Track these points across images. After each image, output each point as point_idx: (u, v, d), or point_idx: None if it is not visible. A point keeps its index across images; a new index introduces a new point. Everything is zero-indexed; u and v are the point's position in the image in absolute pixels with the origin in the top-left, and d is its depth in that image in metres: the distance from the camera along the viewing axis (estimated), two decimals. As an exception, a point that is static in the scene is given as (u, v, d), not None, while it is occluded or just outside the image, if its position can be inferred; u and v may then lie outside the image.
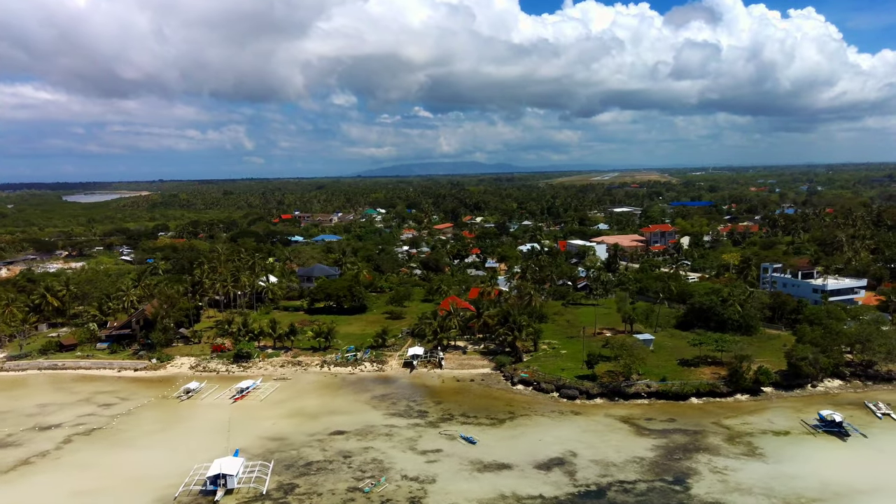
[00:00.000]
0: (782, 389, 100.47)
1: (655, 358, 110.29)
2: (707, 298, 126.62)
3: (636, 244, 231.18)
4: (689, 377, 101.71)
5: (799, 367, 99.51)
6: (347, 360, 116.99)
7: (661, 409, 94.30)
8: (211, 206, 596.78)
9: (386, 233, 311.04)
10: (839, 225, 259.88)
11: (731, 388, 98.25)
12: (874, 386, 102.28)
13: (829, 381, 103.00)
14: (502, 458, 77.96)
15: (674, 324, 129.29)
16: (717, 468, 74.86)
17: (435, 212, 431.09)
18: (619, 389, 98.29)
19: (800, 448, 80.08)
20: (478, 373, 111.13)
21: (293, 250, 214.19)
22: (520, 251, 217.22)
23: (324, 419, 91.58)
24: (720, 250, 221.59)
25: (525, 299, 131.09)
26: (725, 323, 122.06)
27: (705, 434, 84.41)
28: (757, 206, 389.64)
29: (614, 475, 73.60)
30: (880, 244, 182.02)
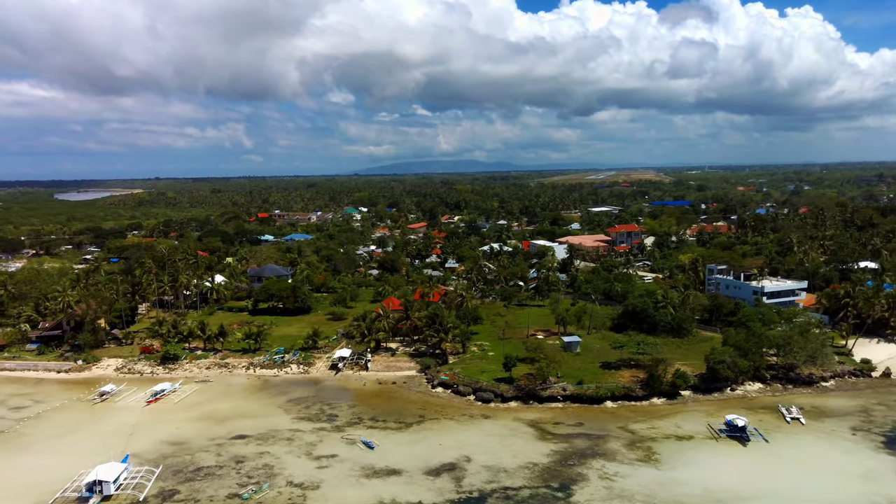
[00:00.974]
0: (700, 393, 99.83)
1: (579, 360, 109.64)
2: (640, 300, 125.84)
3: (599, 244, 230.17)
4: (609, 380, 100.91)
5: (716, 371, 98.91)
6: (274, 363, 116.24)
7: (573, 412, 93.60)
8: (196, 204, 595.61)
9: (358, 232, 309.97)
10: (811, 225, 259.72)
11: (646, 392, 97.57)
12: (794, 389, 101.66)
13: (749, 385, 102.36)
14: (395, 464, 77.23)
15: (609, 325, 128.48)
16: (606, 474, 74.18)
17: (415, 211, 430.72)
18: (534, 392, 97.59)
19: (697, 453, 79.41)
20: (402, 375, 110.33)
21: (250, 250, 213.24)
22: (482, 251, 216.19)
23: (230, 423, 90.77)
24: (684, 250, 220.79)
25: (457, 300, 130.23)
26: (657, 325, 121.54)
27: (608, 439, 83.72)
28: (735, 206, 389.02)
29: (501, 481, 72.87)
30: (834, 245, 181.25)
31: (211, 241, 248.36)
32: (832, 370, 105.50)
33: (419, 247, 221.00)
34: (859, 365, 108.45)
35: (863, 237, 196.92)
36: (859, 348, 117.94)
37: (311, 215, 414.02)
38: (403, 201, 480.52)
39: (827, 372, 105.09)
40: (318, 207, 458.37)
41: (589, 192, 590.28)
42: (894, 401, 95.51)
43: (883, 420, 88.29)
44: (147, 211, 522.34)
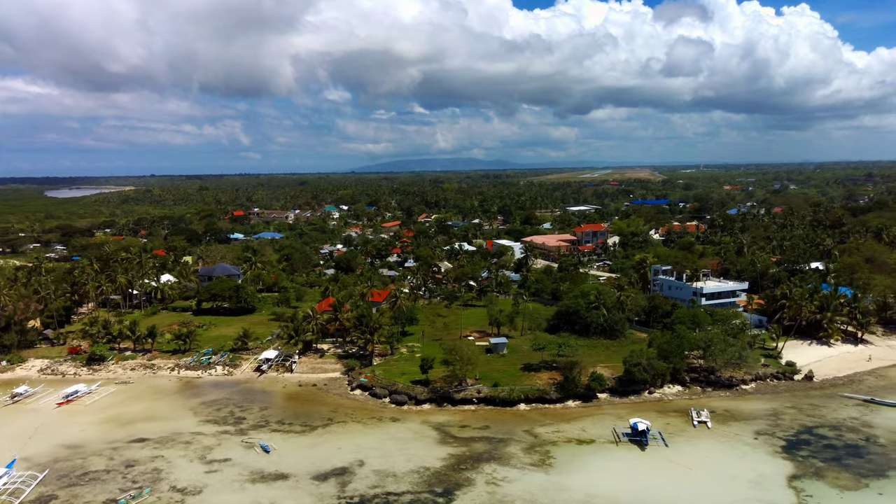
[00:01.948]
0: (617, 396, 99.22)
1: (503, 362, 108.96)
2: (573, 301, 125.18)
3: (562, 244, 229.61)
4: (528, 382, 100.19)
5: (633, 373, 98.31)
6: (200, 364, 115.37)
7: (484, 415, 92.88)
8: (180, 202, 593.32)
9: (329, 231, 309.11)
10: (780, 225, 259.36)
11: (561, 395, 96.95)
12: (712, 392, 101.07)
13: (668, 388, 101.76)
14: (286, 468, 76.47)
15: (545, 326, 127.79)
16: (494, 479, 73.47)
17: (395, 209, 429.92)
18: (448, 395, 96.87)
19: (593, 458, 78.73)
20: (325, 377, 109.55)
21: (208, 249, 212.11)
22: (445, 251, 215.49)
23: (134, 426, 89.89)
24: (648, 250, 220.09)
25: (390, 301, 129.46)
26: (589, 326, 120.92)
27: (509, 443, 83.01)
28: (713, 206, 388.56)
29: (386, 487, 72.13)
30: (785, 246, 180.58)
31: (174, 240, 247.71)
32: (754, 373, 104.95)
33: (379, 246, 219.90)
34: (783, 367, 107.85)
35: (818, 237, 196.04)
36: (791, 350, 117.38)
37: (289, 213, 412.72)
38: (384, 200, 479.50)
39: (748, 375, 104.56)
40: (297, 206, 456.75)
41: (573, 191, 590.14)
42: (808, 404, 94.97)
43: (790, 424, 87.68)
44: (129, 208, 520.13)
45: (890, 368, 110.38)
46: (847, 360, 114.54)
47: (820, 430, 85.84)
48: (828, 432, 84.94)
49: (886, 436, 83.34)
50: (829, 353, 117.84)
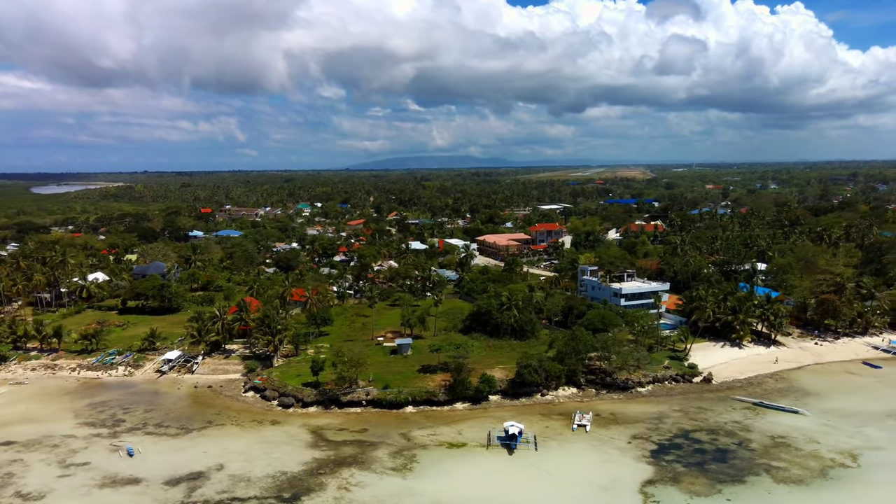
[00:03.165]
0: (508, 398, 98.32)
1: (404, 363, 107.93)
2: (486, 302, 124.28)
3: (512, 243, 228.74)
4: (421, 384, 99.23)
5: (522, 375, 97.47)
6: (104, 364, 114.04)
7: (367, 418, 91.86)
8: (159, 198, 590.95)
9: (292, 228, 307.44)
10: (740, 225, 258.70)
11: (449, 397, 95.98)
12: (606, 395, 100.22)
13: (563, 390, 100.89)
14: (142, 473, 75.32)
15: (461, 327, 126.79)
16: (349, 484, 72.49)
17: (367, 207, 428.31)
18: (335, 397, 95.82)
19: (457, 462, 77.80)
20: (224, 378, 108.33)
21: (152, 247, 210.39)
22: (390, 249, 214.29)
23: (7, 429, 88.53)
24: (599, 250, 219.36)
25: (305, 301, 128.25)
26: (500, 327, 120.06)
27: (379, 446, 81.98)
28: (683, 206, 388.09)
29: (235, 492, 71.06)
30: (722, 247, 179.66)
31: (128, 237, 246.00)
32: (652, 375, 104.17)
33: (325, 244, 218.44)
34: (684, 370, 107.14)
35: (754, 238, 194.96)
36: (701, 352, 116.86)
37: (259, 211, 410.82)
38: (359, 198, 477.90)
39: (646, 377, 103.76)
40: (270, 203, 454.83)
41: (553, 190, 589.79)
42: (696, 408, 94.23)
43: (669, 428, 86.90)
44: (106, 205, 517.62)
45: (793, 371, 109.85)
46: (755, 361, 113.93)
47: (697, 433, 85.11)
48: (704, 436, 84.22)
49: (760, 440, 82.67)
50: (739, 354, 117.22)
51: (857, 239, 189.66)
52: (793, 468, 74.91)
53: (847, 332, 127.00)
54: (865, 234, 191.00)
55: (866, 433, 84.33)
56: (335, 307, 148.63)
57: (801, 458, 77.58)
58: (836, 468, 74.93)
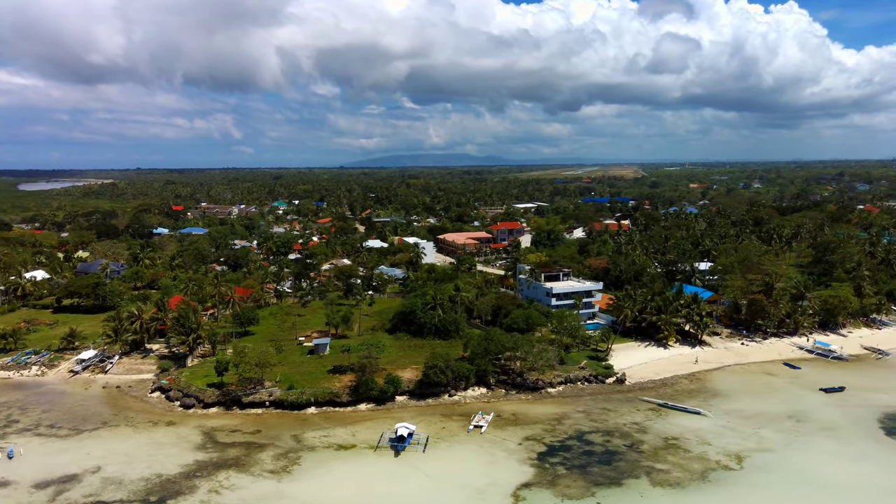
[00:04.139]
0: (416, 398, 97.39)
1: (317, 363, 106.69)
2: (411, 301, 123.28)
3: (470, 242, 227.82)
4: (330, 384, 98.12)
5: (428, 375, 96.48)
6: (18, 364, 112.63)
7: (265, 419, 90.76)
8: (140, 195, 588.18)
9: (259, 227, 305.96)
10: (708, 223, 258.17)
11: (354, 398, 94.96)
12: (515, 395, 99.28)
13: (472, 390, 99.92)
14: (15, 475, 74.07)
15: (388, 327, 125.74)
16: (221, 487, 71.42)
17: (343, 205, 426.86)
18: (237, 398, 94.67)
19: (340, 464, 76.79)
20: (137, 378, 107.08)
21: (102, 245, 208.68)
22: (344, 247, 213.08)
23: None
24: (559, 249, 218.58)
25: (216, 300, 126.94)
26: (423, 327, 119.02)
27: (266, 448, 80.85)
28: (658, 204, 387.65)
29: (102, 495, 69.91)
30: (671, 246, 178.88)
31: (84, 235, 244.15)
32: (565, 376, 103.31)
33: (279, 242, 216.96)
34: (600, 370, 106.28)
35: (700, 237, 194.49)
36: (625, 352, 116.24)
37: (234, 208, 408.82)
38: (336, 196, 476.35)
39: (559, 377, 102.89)
40: (244, 201, 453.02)
41: (535, 189, 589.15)
42: (600, 408, 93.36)
43: (566, 429, 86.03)
44: (83, 202, 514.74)
45: (712, 371, 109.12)
46: (675, 362, 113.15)
47: (592, 435, 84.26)
48: (597, 438, 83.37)
49: (652, 442, 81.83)
50: (661, 355, 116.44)
51: (808, 239, 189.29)
52: (674, 471, 74.12)
53: (777, 332, 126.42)
54: (817, 233, 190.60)
55: (762, 435, 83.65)
56: (273, 306, 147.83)
57: (687, 460, 76.80)
58: (718, 471, 74.19)
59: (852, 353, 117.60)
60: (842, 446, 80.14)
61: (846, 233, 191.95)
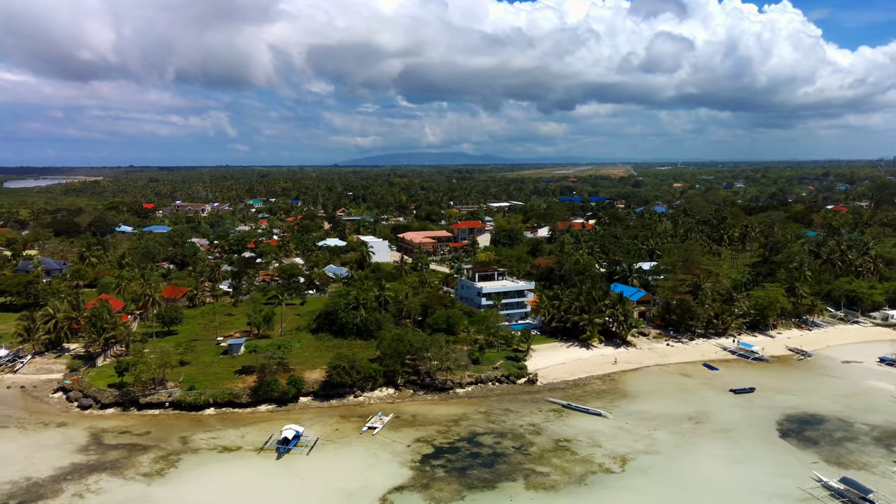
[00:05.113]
0: (320, 399, 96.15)
1: (226, 364, 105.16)
2: (334, 301, 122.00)
3: (427, 241, 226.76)
4: (232, 385, 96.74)
5: (331, 376, 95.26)
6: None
7: (161, 420, 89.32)
8: (119, 193, 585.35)
9: (225, 225, 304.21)
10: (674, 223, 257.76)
11: (254, 399, 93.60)
12: (422, 395, 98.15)
13: (380, 391, 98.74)
14: None
15: (313, 327, 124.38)
16: (88, 490, 69.88)
17: (317, 205, 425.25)
18: (135, 399, 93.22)
19: (219, 467, 75.36)
20: (43, 378, 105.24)
21: (50, 243, 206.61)
22: (296, 246, 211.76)
23: None
24: (516, 248, 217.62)
25: (145, 300, 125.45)
26: (345, 327, 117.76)
27: (149, 450, 79.35)
28: (631, 204, 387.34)
29: (-38, 498, 68.55)
30: (616, 246, 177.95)
31: (41, 233, 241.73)
32: (476, 376, 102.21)
33: (232, 241, 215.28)
34: (513, 370, 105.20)
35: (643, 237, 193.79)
36: (546, 352, 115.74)
37: (207, 206, 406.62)
38: (312, 194, 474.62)
39: (471, 377, 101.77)
40: (217, 198, 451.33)
41: (515, 188, 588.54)
42: (503, 409, 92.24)
43: (461, 431, 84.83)
44: (58, 200, 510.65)
45: (629, 372, 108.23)
46: (595, 362, 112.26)
47: (484, 437, 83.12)
48: (489, 440, 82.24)
49: (543, 444, 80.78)
50: (583, 355, 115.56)
51: (757, 238, 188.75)
52: (554, 474, 73.05)
53: (705, 333, 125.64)
54: (768, 234, 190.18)
55: (655, 436, 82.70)
56: (207, 305, 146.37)
57: (571, 463, 75.75)
58: (598, 474, 73.16)
59: (775, 354, 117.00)
60: (730, 448, 79.25)
61: (795, 233, 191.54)
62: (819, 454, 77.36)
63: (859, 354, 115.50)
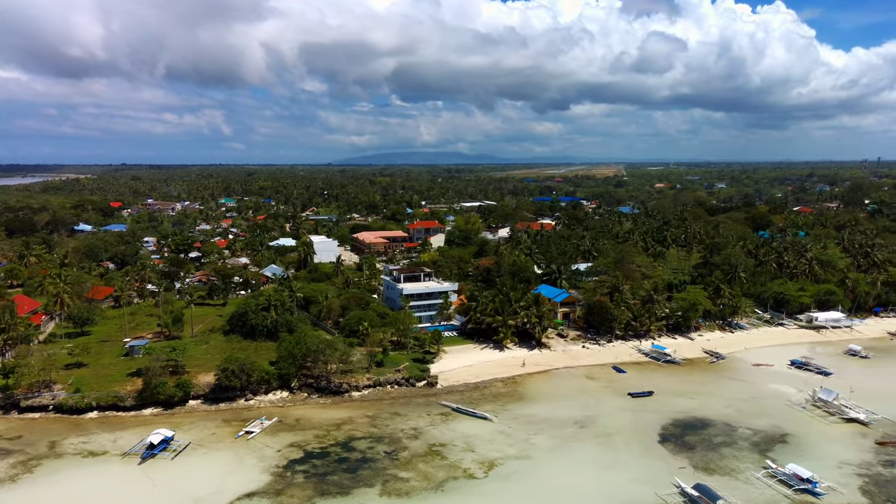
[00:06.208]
0: (210, 402, 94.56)
1: (120, 367, 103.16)
2: (245, 302, 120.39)
3: (379, 241, 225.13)
4: (121, 388, 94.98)
5: (220, 379, 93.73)
6: None
7: (39, 424, 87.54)
8: (96, 191, 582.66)
9: (188, 223, 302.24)
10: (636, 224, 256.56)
11: (139, 402, 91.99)
12: (315, 399, 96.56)
13: (274, 394, 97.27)
14: None
15: (227, 329, 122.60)
16: (-71, 496, 68.45)
17: (286, 203, 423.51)
18: (16, 402, 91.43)
19: (75, 472, 73.79)
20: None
21: (6, 242, 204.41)
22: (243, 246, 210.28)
23: None
24: (466, 249, 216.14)
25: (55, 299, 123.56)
26: (255, 328, 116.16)
27: (11, 455, 77.64)
28: (601, 204, 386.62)
29: None
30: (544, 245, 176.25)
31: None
32: (374, 379, 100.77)
33: (178, 241, 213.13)
34: (415, 373, 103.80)
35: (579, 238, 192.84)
36: (458, 354, 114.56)
37: (177, 205, 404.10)
38: (285, 193, 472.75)
39: (370, 380, 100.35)
40: (188, 197, 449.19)
41: (495, 188, 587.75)
42: (391, 413, 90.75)
43: (338, 435, 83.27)
44: (34, 198, 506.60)
45: (533, 375, 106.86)
46: (504, 364, 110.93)
47: (360, 441, 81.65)
48: (363, 444, 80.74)
49: (417, 448, 79.37)
50: (494, 357, 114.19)
51: (706, 240, 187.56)
52: (414, 480, 71.68)
53: (624, 335, 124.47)
54: (713, 235, 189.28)
55: (533, 441, 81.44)
56: (133, 305, 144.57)
57: (437, 468, 74.41)
58: (459, 480, 71.84)
59: (690, 356, 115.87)
60: (603, 453, 78.02)
61: (739, 234, 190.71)
62: (691, 459, 76.23)
63: (773, 357, 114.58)
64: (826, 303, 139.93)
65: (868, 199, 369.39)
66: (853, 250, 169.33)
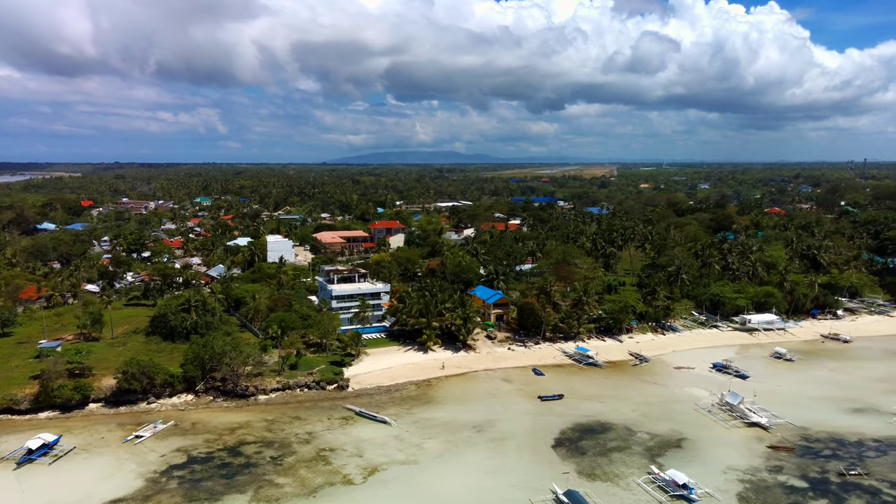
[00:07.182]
0: (111, 406, 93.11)
1: (29, 369, 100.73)
2: (165, 304, 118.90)
3: (336, 241, 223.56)
4: (19, 390, 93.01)
5: (121, 382, 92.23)
6: None
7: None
8: (77, 189, 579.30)
9: (154, 221, 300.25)
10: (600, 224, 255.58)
11: (34, 405, 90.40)
12: (221, 402, 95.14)
13: (178, 397, 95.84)
14: None
15: (150, 330, 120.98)
16: None
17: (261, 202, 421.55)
18: None
19: (-55, 478, 72.35)
20: None
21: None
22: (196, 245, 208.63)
23: None
24: (423, 249, 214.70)
25: None
26: (175, 330, 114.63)
27: None
28: (576, 205, 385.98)
29: None
30: (502, 248, 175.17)
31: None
32: (283, 382, 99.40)
33: (130, 240, 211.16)
34: (328, 375, 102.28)
35: (529, 237, 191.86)
36: (379, 356, 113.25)
37: (151, 204, 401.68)
38: (262, 192, 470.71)
39: (280, 383, 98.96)
40: (162, 196, 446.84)
41: (476, 187, 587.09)
42: (292, 417, 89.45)
43: (229, 440, 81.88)
44: (9, 196, 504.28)
45: (450, 378, 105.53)
46: (424, 367, 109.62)
47: (248, 446, 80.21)
48: (251, 449, 79.33)
49: (305, 453, 78.04)
50: (416, 359, 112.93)
51: (657, 241, 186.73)
52: (289, 486, 70.34)
53: (553, 336, 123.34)
54: (665, 236, 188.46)
55: (425, 445, 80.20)
56: (66, 306, 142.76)
57: (317, 473, 73.05)
58: (336, 486, 70.58)
59: (614, 359, 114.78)
60: (491, 458, 76.80)
61: (688, 235, 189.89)
62: (578, 465, 75.11)
63: (698, 360, 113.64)
64: (764, 305, 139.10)
65: (844, 201, 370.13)
66: (800, 252, 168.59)
